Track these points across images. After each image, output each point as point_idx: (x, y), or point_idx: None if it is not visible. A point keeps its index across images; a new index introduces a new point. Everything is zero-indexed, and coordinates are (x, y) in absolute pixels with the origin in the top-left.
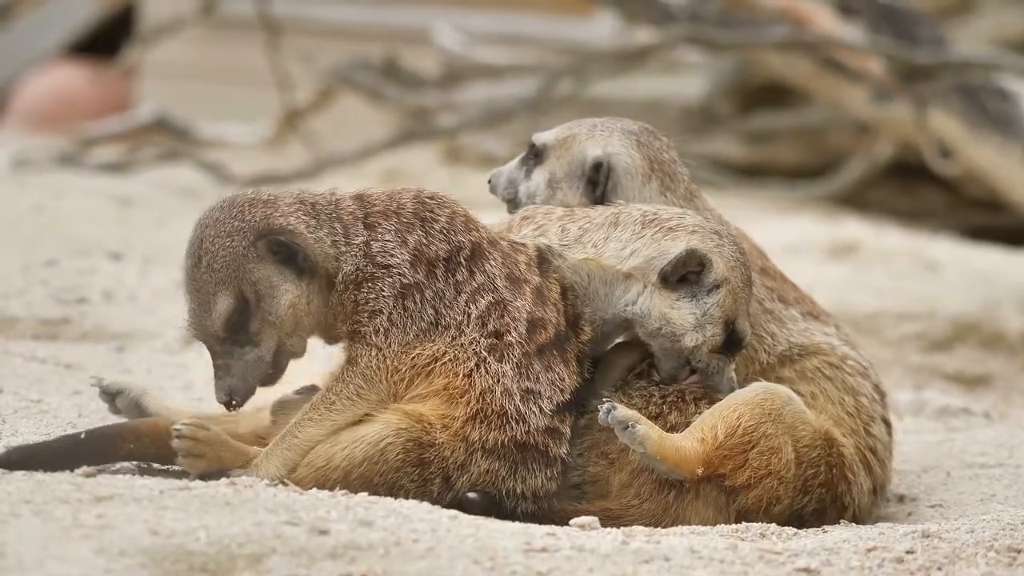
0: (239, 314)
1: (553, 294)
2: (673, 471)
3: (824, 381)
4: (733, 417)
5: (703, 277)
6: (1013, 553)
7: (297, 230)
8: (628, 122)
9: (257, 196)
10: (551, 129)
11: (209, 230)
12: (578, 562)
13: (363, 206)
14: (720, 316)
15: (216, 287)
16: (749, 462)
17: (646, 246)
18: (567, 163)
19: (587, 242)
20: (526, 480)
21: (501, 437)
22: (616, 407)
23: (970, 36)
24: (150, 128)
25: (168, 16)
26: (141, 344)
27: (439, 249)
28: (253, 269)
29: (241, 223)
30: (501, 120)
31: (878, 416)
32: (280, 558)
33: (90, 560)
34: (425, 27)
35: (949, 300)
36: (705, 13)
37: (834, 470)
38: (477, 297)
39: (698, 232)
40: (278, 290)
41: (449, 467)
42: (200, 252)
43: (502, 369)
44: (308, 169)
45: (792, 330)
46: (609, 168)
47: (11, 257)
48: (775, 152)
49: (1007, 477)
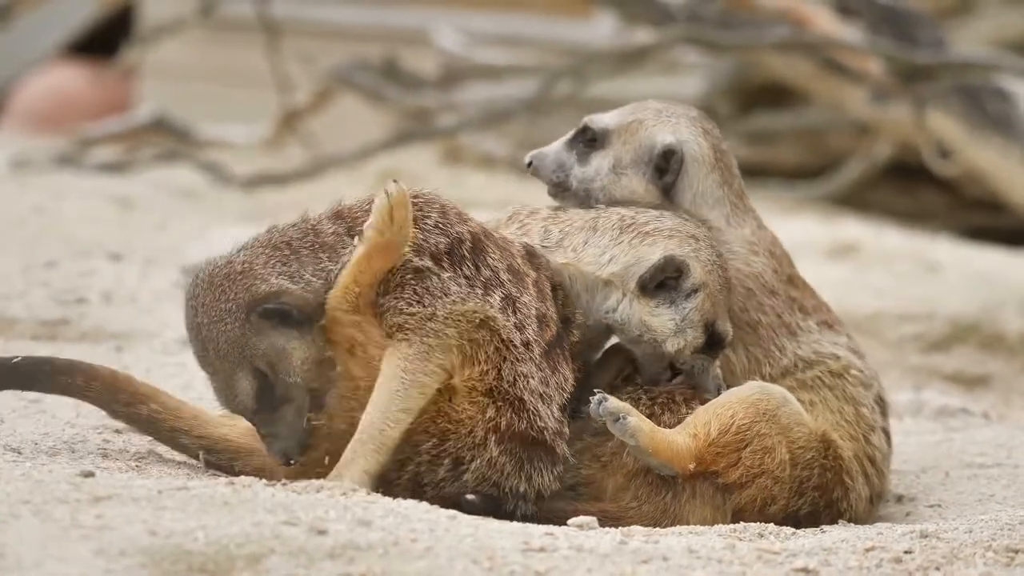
0: (262, 386)
1: (547, 290)
2: (665, 466)
3: (824, 390)
4: (727, 415)
5: (681, 283)
6: (1011, 553)
7: (282, 288)
8: (688, 107)
9: (231, 267)
10: (605, 113)
11: (201, 316)
12: (576, 562)
13: (344, 221)
14: (699, 320)
15: (231, 370)
16: (742, 460)
17: (624, 252)
18: (633, 149)
19: (567, 246)
20: (531, 479)
21: (518, 426)
22: (608, 398)
23: (970, 37)
24: (149, 129)
25: (167, 17)
26: (140, 344)
27: (438, 242)
28: (256, 344)
29: (227, 303)
30: (500, 121)
31: (878, 427)
32: (279, 558)
33: (89, 560)
34: (424, 28)
35: (949, 301)
36: (704, 13)
37: (829, 473)
38: (490, 291)
39: (675, 236)
40: (286, 352)
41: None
42: (202, 339)
43: (528, 370)
44: (307, 170)
45: (802, 342)
46: (681, 156)
47: (11, 258)
48: (775, 153)
49: (1005, 477)
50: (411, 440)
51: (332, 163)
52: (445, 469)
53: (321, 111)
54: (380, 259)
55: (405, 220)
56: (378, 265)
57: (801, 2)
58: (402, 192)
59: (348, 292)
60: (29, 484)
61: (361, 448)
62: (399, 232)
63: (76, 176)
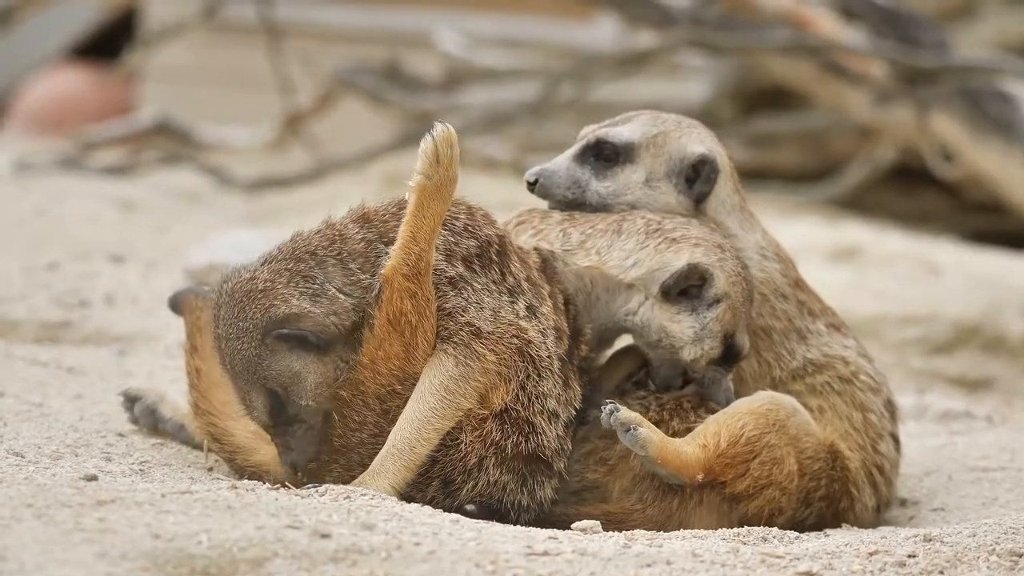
0: (276, 405)
1: (561, 303)
2: (674, 476)
3: (833, 396)
4: (737, 426)
5: (704, 291)
6: (1015, 557)
7: (301, 311)
8: (686, 118)
9: (254, 284)
10: (614, 127)
11: (222, 328)
12: (580, 566)
13: (373, 226)
14: (719, 330)
15: (247, 386)
16: (750, 471)
17: (649, 257)
18: (666, 161)
19: (590, 248)
20: (534, 493)
21: (525, 447)
22: (619, 409)
23: (972, 40)
24: (152, 132)
25: (170, 20)
26: (143, 347)
27: (469, 245)
28: (270, 366)
29: (245, 323)
30: (503, 123)
31: (886, 432)
32: (282, 562)
33: (92, 564)
34: (426, 31)
35: (951, 304)
36: (707, 16)
37: (836, 484)
38: (516, 298)
39: (701, 245)
40: (300, 376)
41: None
42: (222, 352)
43: (548, 387)
44: (310, 172)
45: (812, 345)
46: (715, 165)
47: (13, 260)
48: (777, 156)
49: (1009, 481)
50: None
51: (335, 166)
52: (434, 489)
53: (323, 114)
54: (433, 205)
55: (452, 159)
56: (432, 212)
57: (803, 5)
58: (448, 131)
59: (408, 252)
60: (32, 487)
61: (391, 463)
62: (446, 172)
63: (79, 179)
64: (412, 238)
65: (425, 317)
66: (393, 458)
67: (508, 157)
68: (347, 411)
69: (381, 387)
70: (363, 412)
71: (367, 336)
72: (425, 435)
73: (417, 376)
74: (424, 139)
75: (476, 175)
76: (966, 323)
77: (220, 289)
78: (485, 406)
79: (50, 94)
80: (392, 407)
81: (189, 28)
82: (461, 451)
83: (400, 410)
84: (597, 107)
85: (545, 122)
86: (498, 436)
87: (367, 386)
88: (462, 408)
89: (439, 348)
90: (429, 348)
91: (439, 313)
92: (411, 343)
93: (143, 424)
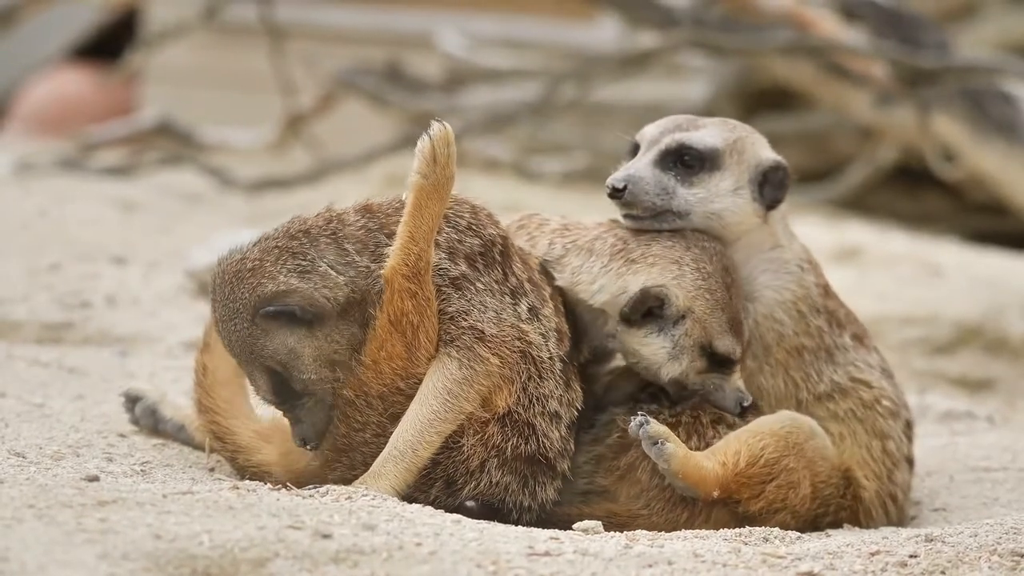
0: (278, 382)
1: (561, 305)
2: (690, 489)
3: (854, 422)
4: (758, 446)
5: (665, 311)
6: (1016, 557)
7: (289, 287)
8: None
9: (243, 264)
10: (692, 132)
11: (219, 311)
12: (581, 566)
13: (375, 217)
14: (691, 344)
15: (249, 366)
16: (765, 494)
17: (611, 281)
18: (747, 168)
19: (566, 266)
20: (536, 494)
21: (525, 449)
22: (650, 421)
23: (974, 41)
24: (153, 133)
25: (171, 21)
26: (144, 348)
27: (472, 244)
28: (265, 344)
29: (236, 304)
30: (504, 124)
31: (902, 458)
32: (283, 562)
33: (93, 564)
34: (428, 31)
35: (953, 304)
36: (708, 17)
37: (844, 512)
38: (518, 299)
39: (658, 264)
40: (296, 352)
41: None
42: (222, 335)
43: (550, 388)
44: (311, 174)
45: (839, 364)
46: (787, 171)
47: (15, 261)
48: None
49: (1010, 481)
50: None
51: (336, 167)
52: (437, 490)
53: (325, 115)
54: (431, 204)
55: (449, 158)
56: (431, 211)
57: (805, 6)
58: (444, 130)
59: (408, 252)
60: (33, 488)
61: (393, 465)
62: (444, 172)
63: (80, 180)
64: (411, 238)
65: (426, 316)
66: (395, 460)
67: (509, 158)
68: (350, 411)
69: (384, 387)
70: (366, 412)
71: (369, 337)
72: (427, 438)
73: (420, 376)
74: (421, 139)
75: (477, 176)
76: (968, 324)
77: (215, 272)
78: (488, 409)
79: (51, 95)
80: (395, 407)
81: (190, 29)
82: (463, 453)
83: (403, 410)
84: (598, 108)
85: (547, 123)
86: (499, 439)
87: (370, 386)
88: (465, 411)
89: (442, 351)
90: (431, 347)
91: (442, 316)
92: (413, 343)
93: (144, 424)
